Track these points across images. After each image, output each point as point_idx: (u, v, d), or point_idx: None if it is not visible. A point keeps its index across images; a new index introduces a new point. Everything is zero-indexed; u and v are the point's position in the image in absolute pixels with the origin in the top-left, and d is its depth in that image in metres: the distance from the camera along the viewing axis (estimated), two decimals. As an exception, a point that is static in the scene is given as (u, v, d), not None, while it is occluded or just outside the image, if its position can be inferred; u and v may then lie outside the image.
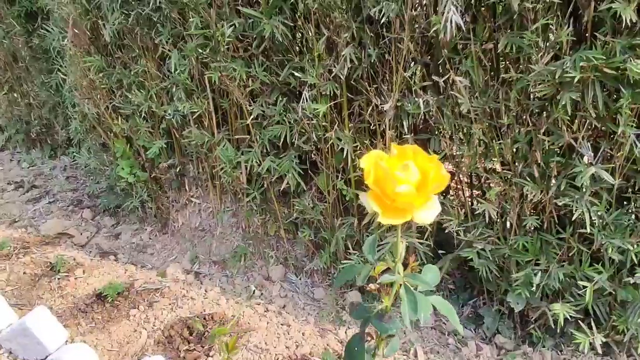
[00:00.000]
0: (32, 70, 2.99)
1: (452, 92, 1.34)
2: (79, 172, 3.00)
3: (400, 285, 0.68)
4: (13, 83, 3.20)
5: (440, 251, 1.64)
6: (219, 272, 2.04)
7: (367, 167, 0.56)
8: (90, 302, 1.83)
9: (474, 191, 1.63)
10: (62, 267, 2.03)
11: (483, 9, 1.28)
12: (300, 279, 1.94)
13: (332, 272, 1.90)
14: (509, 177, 1.36)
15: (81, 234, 2.39)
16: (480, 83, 1.33)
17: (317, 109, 1.51)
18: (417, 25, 1.35)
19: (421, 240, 1.57)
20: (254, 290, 1.64)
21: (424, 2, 1.31)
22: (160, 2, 1.69)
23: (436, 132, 1.45)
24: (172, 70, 1.77)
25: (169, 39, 1.77)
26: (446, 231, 1.51)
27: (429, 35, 1.34)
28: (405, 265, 0.76)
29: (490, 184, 1.45)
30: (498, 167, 1.41)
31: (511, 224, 1.41)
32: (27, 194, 2.86)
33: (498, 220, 1.43)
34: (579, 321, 1.38)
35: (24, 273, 2.02)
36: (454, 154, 1.45)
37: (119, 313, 1.77)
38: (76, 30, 2.04)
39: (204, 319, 1.71)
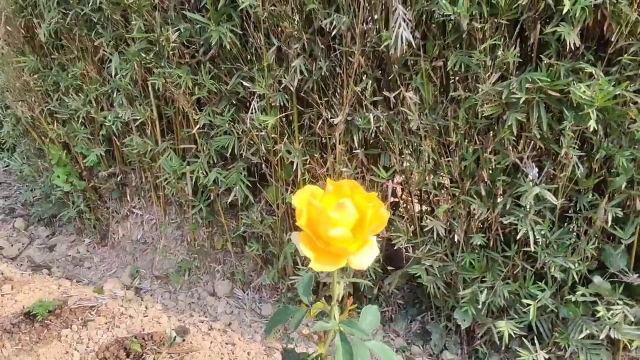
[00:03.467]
0: (-39, 67, 2.77)
1: (402, 108, 1.33)
2: (11, 178, 2.80)
3: (335, 332, 0.64)
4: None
5: (389, 267, 1.62)
6: (161, 287, 1.94)
7: (300, 206, 0.51)
8: (18, 321, 1.69)
9: (423, 207, 1.62)
10: (-13, 282, 1.87)
11: (433, 26, 1.28)
12: (247, 294, 1.88)
13: (280, 288, 1.84)
14: (456, 194, 1.36)
15: (12, 245, 2.22)
16: (430, 100, 1.32)
17: (266, 120, 1.46)
18: (368, 40, 1.33)
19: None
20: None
21: (376, 16, 1.29)
22: (101, 3, 1.60)
23: (387, 148, 1.43)
24: (113, 75, 1.68)
25: (110, 41, 1.67)
26: (395, 247, 1.49)
27: (380, 50, 1.33)
28: (342, 308, 0.71)
29: (439, 201, 1.45)
30: (447, 183, 1.41)
31: (458, 241, 1.41)
32: (-49, 201, 2.64)
33: (446, 237, 1.43)
34: (523, 338, 1.40)
35: (-57, 290, 1.85)
36: (404, 169, 1.44)
37: (49, 333, 1.64)
38: (9, 28, 1.90)
39: (143, 339, 1.62)
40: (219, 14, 1.46)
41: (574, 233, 1.28)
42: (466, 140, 1.31)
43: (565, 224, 1.29)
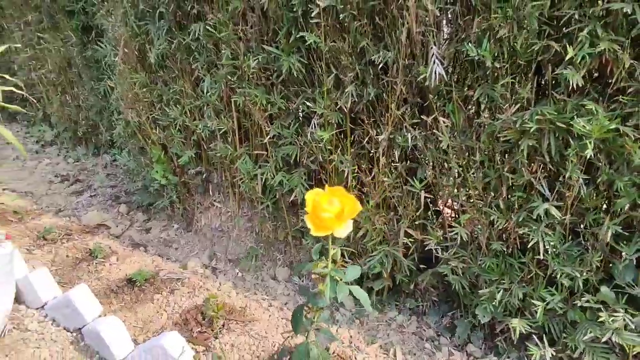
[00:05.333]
0: (84, 76, 3.36)
1: (435, 131, 1.58)
2: (118, 170, 3.35)
3: (328, 275, 0.94)
4: (65, 86, 3.59)
5: (422, 266, 1.86)
6: (232, 269, 2.31)
7: (308, 199, 0.83)
8: (122, 285, 2.13)
9: (451, 216, 1.85)
10: (100, 253, 2.34)
11: (463, 63, 1.52)
12: (302, 280, 2.19)
13: (330, 277, 2.14)
14: (480, 206, 1.58)
15: (117, 226, 2.71)
16: (459, 124, 1.56)
17: (322, 135, 1.76)
18: (409, 72, 1.59)
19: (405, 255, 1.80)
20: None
21: (417, 53, 1.56)
22: (199, 34, 1.99)
23: (422, 163, 1.68)
24: (205, 92, 2.07)
25: (203, 65, 2.06)
26: (426, 248, 1.73)
27: (418, 81, 1.58)
28: (335, 263, 1.01)
29: (465, 211, 1.67)
30: (472, 195, 1.63)
31: (481, 247, 1.63)
32: (71, 187, 3.21)
33: (470, 242, 1.65)
34: (537, 336, 1.58)
35: (67, 256, 2.35)
36: (436, 182, 1.68)
37: (145, 296, 2.06)
38: (126, 50, 2.36)
39: (216, 307, 1.98)
40: (289, 46, 1.78)
41: (582, 246, 1.46)
42: (488, 160, 1.53)
43: (574, 238, 1.47)
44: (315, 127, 1.82)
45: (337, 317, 1.99)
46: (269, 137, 1.97)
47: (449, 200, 1.76)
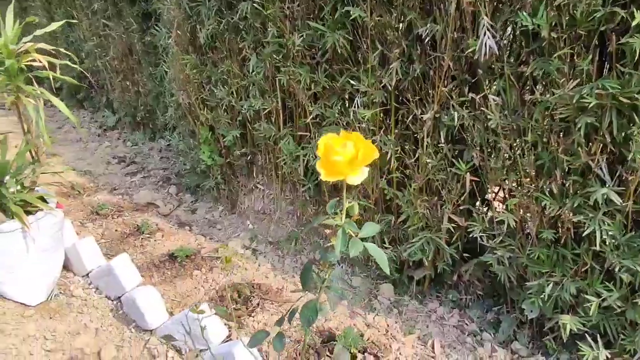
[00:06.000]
0: (143, 62, 3.48)
1: (483, 109, 1.48)
2: (171, 153, 3.44)
3: (340, 227, 0.88)
4: (127, 72, 3.74)
5: (466, 255, 1.76)
6: (272, 251, 2.30)
7: (321, 143, 0.79)
8: (164, 260, 2.17)
9: (499, 201, 1.73)
10: (146, 229, 2.41)
11: (517, 34, 1.41)
12: (342, 267, 2.14)
13: (370, 265, 2.08)
14: (531, 191, 1.47)
15: (165, 205, 2.78)
16: (511, 102, 1.45)
17: (364, 114, 1.71)
18: (458, 46, 1.50)
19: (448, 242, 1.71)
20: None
21: (466, 25, 1.46)
22: (246, 13, 1.99)
23: (469, 144, 1.58)
24: (250, 71, 2.06)
25: (250, 44, 2.06)
26: (471, 236, 1.63)
27: (468, 56, 1.49)
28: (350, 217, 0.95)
29: (515, 196, 1.56)
30: (522, 180, 1.52)
31: (530, 235, 1.51)
32: (127, 168, 3.34)
33: (519, 230, 1.53)
34: (591, 337, 1.44)
35: (116, 230, 2.43)
36: (484, 164, 1.58)
37: (184, 272, 2.08)
38: (179, 32, 2.41)
39: (252, 286, 1.98)
40: (335, 22, 1.74)
41: (646, 237, 1.31)
42: (542, 141, 1.41)
43: (637, 228, 1.33)
44: (358, 106, 1.76)
45: (375, 305, 1.93)
46: (311, 117, 1.93)
47: (497, 185, 1.65)
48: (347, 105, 1.87)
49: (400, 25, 1.60)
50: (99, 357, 1.60)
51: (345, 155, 0.74)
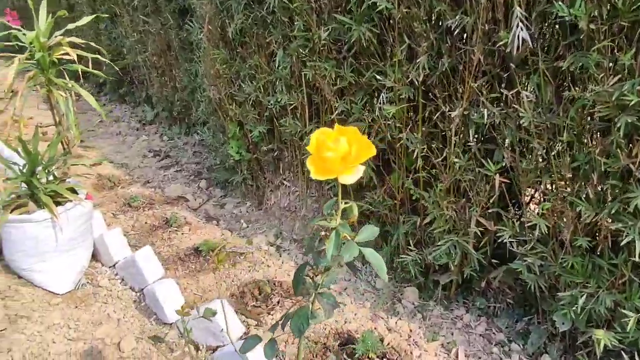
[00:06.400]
0: (180, 58, 3.52)
1: (515, 106, 1.38)
2: (203, 148, 3.48)
3: (334, 230, 0.83)
4: (164, 68, 3.80)
5: (494, 261, 1.67)
6: (297, 249, 2.27)
7: (312, 138, 0.73)
8: (189, 253, 2.18)
9: (530, 205, 1.63)
10: (175, 222, 2.43)
11: (553, 26, 1.31)
12: (365, 267, 2.09)
13: (395, 267, 2.01)
14: (565, 195, 1.36)
15: (195, 199, 2.80)
16: (546, 99, 1.35)
17: (389, 110, 1.64)
18: (489, 39, 1.41)
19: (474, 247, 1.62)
20: None
21: (498, 17, 1.38)
22: (274, 7, 1.96)
23: (499, 143, 1.49)
24: (277, 66, 2.04)
25: (278, 38, 2.03)
26: (499, 240, 1.54)
27: (499, 49, 1.40)
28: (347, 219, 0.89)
29: (548, 200, 1.46)
30: (556, 183, 1.41)
31: (564, 243, 1.41)
32: (161, 162, 3.40)
33: (551, 237, 1.43)
34: (628, 354, 1.33)
35: (145, 223, 2.47)
36: (515, 165, 1.48)
37: (208, 266, 2.09)
38: (210, 27, 2.41)
39: (274, 284, 1.95)
40: (361, 15, 1.68)
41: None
42: (578, 141, 1.31)
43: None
44: (383, 102, 1.70)
45: (398, 309, 1.86)
46: (336, 113, 1.88)
47: (529, 187, 1.55)
48: (374, 101, 1.81)
49: (429, 17, 1.53)
50: (119, 348, 1.62)
51: (338, 151, 0.69)
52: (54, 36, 1.80)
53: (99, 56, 1.84)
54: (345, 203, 0.84)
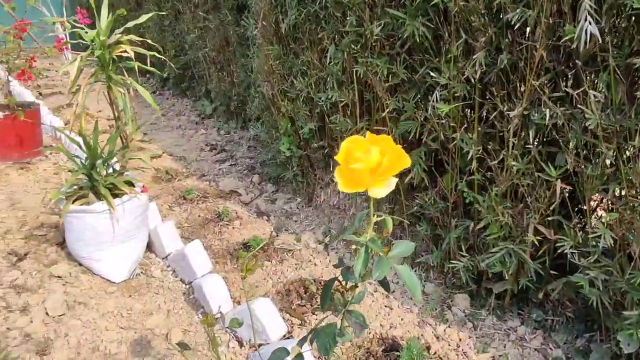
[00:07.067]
0: (237, 54, 3.57)
1: (580, 106, 1.27)
2: (257, 143, 3.51)
3: (364, 245, 0.78)
4: (223, 63, 3.87)
5: (554, 272, 1.55)
6: (345, 248, 2.24)
7: (343, 147, 0.69)
8: (238, 248, 2.21)
9: (596, 214, 1.50)
10: (226, 216, 2.47)
11: (625, 19, 1.19)
12: (415, 271, 2.02)
13: (446, 272, 1.93)
14: (635, 204, 1.24)
15: (247, 194, 2.84)
16: (617, 99, 1.23)
17: (442, 109, 1.57)
18: (553, 34, 1.30)
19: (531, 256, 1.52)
20: None
21: (564, 9, 1.27)
22: (326, 2, 1.92)
23: (563, 146, 1.38)
24: (329, 63, 2.00)
25: (330, 34, 2.00)
26: (559, 250, 1.43)
27: (564, 45, 1.29)
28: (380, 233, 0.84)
29: (615, 209, 1.33)
30: (625, 191, 1.29)
31: (632, 257, 1.28)
32: (217, 156, 3.47)
33: (618, 249, 1.31)
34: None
35: (199, 216, 2.53)
36: (580, 171, 1.37)
37: (256, 262, 2.10)
38: (264, 23, 2.42)
39: (320, 283, 1.93)
40: (415, 9, 1.61)
41: None
42: (653, 146, 1.18)
43: None
44: (437, 100, 1.62)
45: (447, 316, 1.79)
46: (387, 111, 1.82)
47: (594, 195, 1.42)
48: (427, 99, 1.74)
49: (488, 10, 1.44)
50: (167, 339, 1.66)
51: (367, 162, 0.65)
52: (114, 34, 1.86)
53: (155, 53, 1.89)
54: (379, 216, 0.79)
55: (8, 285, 1.84)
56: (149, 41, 2.05)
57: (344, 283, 0.90)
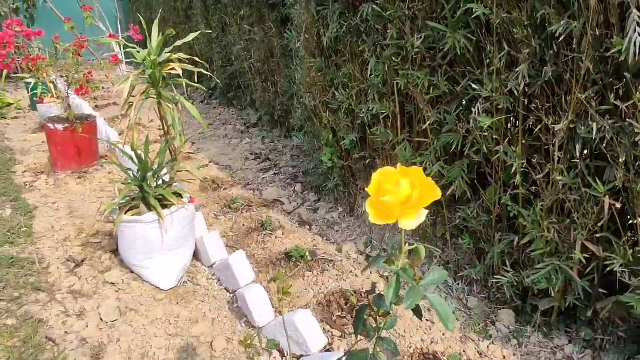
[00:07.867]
0: (281, 65, 3.64)
1: (630, 120, 1.22)
2: (300, 152, 3.56)
3: (395, 274, 0.78)
4: (267, 74, 3.96)
5: (603, 291, 1.49)
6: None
7: (374, 178, 0.70)
8: (280, 258, 2.25)
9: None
10: (269, 226, 2.52)
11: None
12: (458, 284, 1.99)
13: (489, 286, 1.89)
14: (691, 223, 1.18)
15: (290, 203, 2.88)
16: (670, 113, 1.18)
17: (484, 121, 1.54)
18: (600, 45, 1.26)
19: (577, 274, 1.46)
20: None
21: (612, 21, 1.23)
22: (367, 15, 1.94)
23: (612, 161, 1.33)
24: (369, 75, 2.02)
25: (371, 47, 2.01)
26: (608, 268, 1.38)
27: (613, 57, 1.25)
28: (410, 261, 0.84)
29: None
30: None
31: (689, 278, 1.22)
32: (261, 164, 3.55)
33: (673, 270, 1.25)
34: None
35: (243, 225, 2.59)
36: (629, 187, 1.31)
37: (297, 272, 2.14)
38: (307, 36, 2.46)
39: (360, 294, 1.94)
40: (456, 21, 1.60)
41: None
42: None
43: None
44: (479, 113, 1.60)
45: (491, 332, 1.75)
46: (428, 122, 1.81)
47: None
48: (469, 111, 1.72)
49: (531, 22, 1.41)
50: (212, 347, 1.72)
51: (398, 195, 0.66)
52: (163, 52, 1.95)
53: (202, 70, 1.96)
54: (410, 244, 0.80)
55: (67, 290, 1.96)
56: (196, 59, 2.13)
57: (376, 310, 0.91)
